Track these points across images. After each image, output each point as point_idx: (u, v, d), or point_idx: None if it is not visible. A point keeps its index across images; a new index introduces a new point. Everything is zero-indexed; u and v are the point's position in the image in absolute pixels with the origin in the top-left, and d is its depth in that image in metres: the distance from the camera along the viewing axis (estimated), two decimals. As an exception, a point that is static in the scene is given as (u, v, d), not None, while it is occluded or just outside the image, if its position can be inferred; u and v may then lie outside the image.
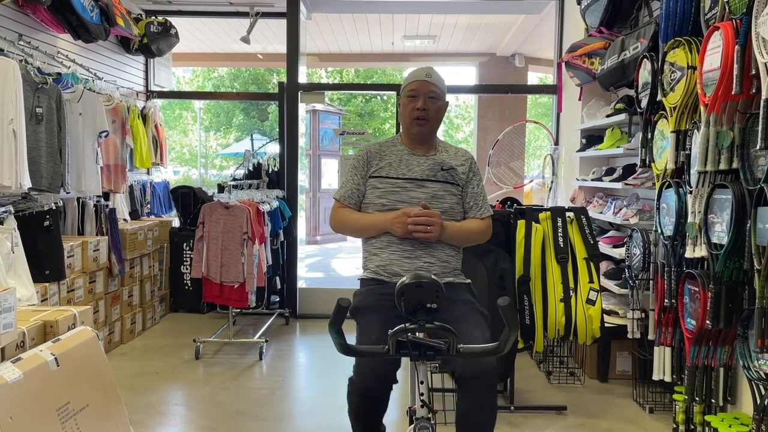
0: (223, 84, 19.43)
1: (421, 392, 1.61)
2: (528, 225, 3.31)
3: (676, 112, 2.97)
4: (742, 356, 2.59)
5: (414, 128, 2.34)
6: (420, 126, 2.32)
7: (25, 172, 3.35)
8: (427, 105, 2.30)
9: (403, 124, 2.40)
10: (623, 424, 3.27)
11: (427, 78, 2.31)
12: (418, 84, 2.32)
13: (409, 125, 2.35)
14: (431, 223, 2.13)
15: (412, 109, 2.31)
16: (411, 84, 2.34)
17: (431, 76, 2.32)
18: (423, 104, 2.30)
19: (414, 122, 2.32)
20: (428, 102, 2.31)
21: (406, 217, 2.15)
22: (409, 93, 2.33)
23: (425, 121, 2.31)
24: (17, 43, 3.79)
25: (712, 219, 2.68)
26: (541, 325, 3.28)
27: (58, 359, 2.18)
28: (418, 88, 2.31)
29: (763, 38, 2.29)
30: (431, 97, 2.32)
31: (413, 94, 2.32)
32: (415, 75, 2.35)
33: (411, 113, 2.32)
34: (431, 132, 2.38)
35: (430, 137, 2.40)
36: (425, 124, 2.32)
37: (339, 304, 1.46)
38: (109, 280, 4.37)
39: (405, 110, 2.35)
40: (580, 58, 4.35)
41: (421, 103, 2.30)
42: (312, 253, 10.29)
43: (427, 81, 2.31)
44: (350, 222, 2.34)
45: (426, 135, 2.37)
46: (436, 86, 2.32)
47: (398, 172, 2.32)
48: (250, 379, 3.94)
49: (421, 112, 2.30)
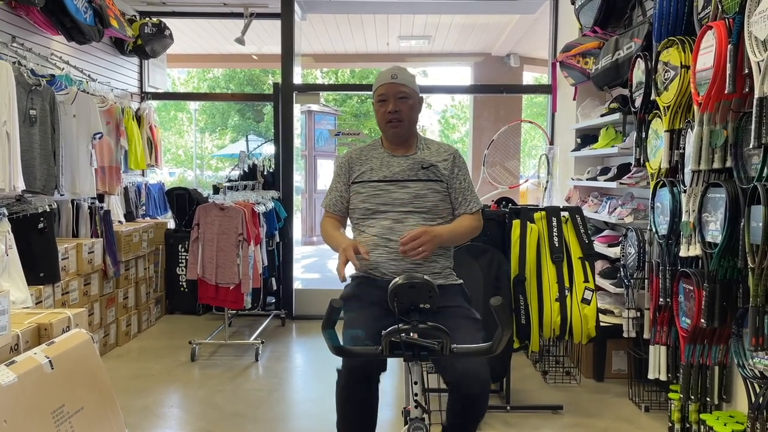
0: (218, 85, 19.42)
1: (415, 393, 1.61)
2: (523, 225, 3.31)
3: (669, 112, 2.98)
4: (737, 354, 2.60)
5: (389, 131, 2.35)
6: (395, 128, 2.33)
7: (19, 175, 3.34)
8: (398, 106, 2.30)
9: (380, 129, 2.41)
10: (619, 423, 3.28)
11: (393, 79, 2.31)
12: (386, 87, 2.32)
13: (384, 129, 2.37)
14: (421, 243, 2.11)
15: (384, 113, 2.32)
16: (379, 88, 2.34)
17: (397, 77, 2.32)
18: (393, 106, 2.30)
19: (388, 126, 2.33)
20: (398, 103, 2.30)
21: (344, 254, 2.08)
22: (378, 98, 2.34)
23: (399, 122, 2.32)
24: (10, 44, 3.78)
25: (706, 218, 2.69)
26: (536, 325, 3.28)
27: (53, 362, 2.17)
28: (386, 92, 2.31)
29: (756, 37, 2.30)
30: (401, 98, 2.31)
31: (383, 98, 2.32)
32: (382, 78, 2.35)
33: (383, 117, 2.33)
34: (408, 132, 2.38)
35: (408, 137, 2.40)
36: (399, 125, 2.33)
37: (331, 305, 1.46)
38: (104, 282, 4.35)
39: (377, 115, 2.36)
40: (575, 57, 4.36)
41: (392, 105, 2.30)
42: (308, 254, 10.28)
43: (394, 83, 2.30)
44: (324, 234, 2.39)
45: (403, 135, 2.37)
46: (404, 86, 2.32)
47: (379, 174, 2.33)
48: (247, 381, 3.93)
49: (393, 114, 2.30)
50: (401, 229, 2.24)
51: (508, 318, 1.47)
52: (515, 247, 3.30)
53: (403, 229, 2.25)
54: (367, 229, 2.31)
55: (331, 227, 2.38)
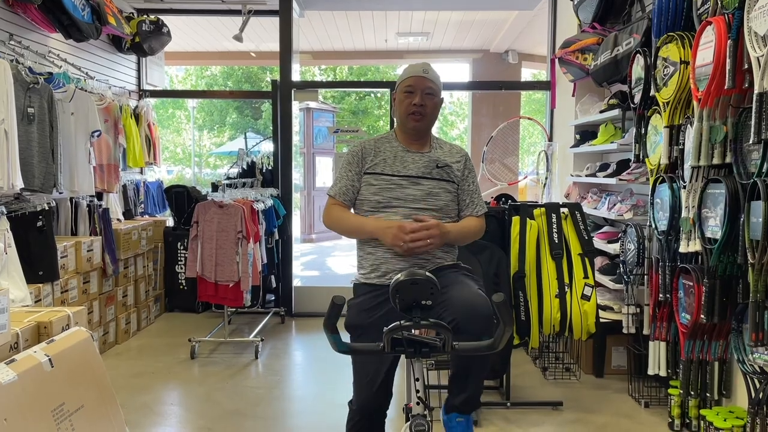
0: (216, 82, 19.38)
1: (417, 389, 1.61)
2: (523, 221, 3.31)
3: (669, 107, 2.98)
4: (736, 350, 2.60)
5: (410, 123, 2.33)
6: (416, 122, 2.32)
7: (17, 173, 3.33)
8: (423, 101, 2.29)
9: (399, 120, 2.39)
10: (619, 418, 3.28)
11: (424, 74, 2.31)
12: (415, 80, 2.31)
13: (404, 120, 2.34)
14: (430, 235, 2.13)
15: (409, 104, 2.30)
16: (408, 79, 2.32)
17: (428, 72, 2.32)
18: (420, 100, 2.29)
19: (410, 117, 2.31)
20: (425, 98, 2.30)
21: (402, 233, 2.13)
22: (405, 88, 2.32)
23: (421, 116, 2.31)
24: (8, 42, 3.77)
25: (706, 213, 2.69)
26: (536, 321, 3.28)
27: (53, 360, 2.16)
28: (415, 84, 2.30)
29: (755, 33, 2.30)
30: (428, 93, 2.31)
31: (410, 90, 2.31)
32: (412, 70, 2.34)
33: (407, 108, 2.31)
34: (427, 128, 2.38)
35: (425, 133, 2.39)
36: (421, 119, 2.31)
37: (333, 302, 1.45)
38: (103, 280, 4.35)
39: (401, 105, 2.34)
40: (573, 54, 4.35)
41: (418, 98, 2.29)
42: (307, 252, 10.28)
43: (424, 77, 2.30)
44: (342, 221, 2.32)
45: (421, 131, 2.36)
46: (432, 82, 2.32)
47: (393, 168, 2.31)
48: (246, 378, 3.93)
49: (418, 107, 2.29)
50: None
51: (509, 314, 1.47)
52: (515, 244, 3.30)
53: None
54: None
55: (347, 213, 2.34)
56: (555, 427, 3.18)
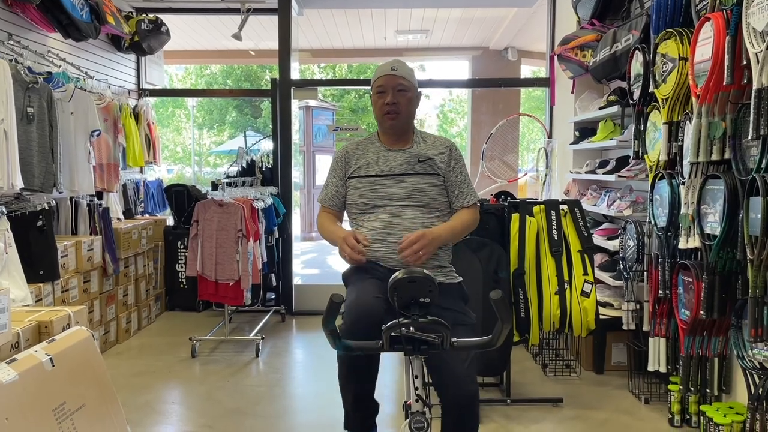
0: (215, 81, 19.38)
1: (416, 386, 1.62)
2: (522, 218, 3.31)
3: (668, 104, 2.98)
4: (736, 346, 2.60)
5: (386, 123, 2.34)
6: (392, 120, 2.33)
7: (17, 173, 3.33)
8: (396, 98, 2.30)
9: (377, 121, 2.41)
10: (619, 415, 3.29)
11: (393, 72, 2.31)
12: (385, 79, 2.32)
13: (381, 121, 2.36)
14: (420, 248, 2.11)
15: (382, 104, 2.32)
16: (378, 80, 2.34)
17: (397, 69, 2.32)
18: (392, 98, 2.30)
19: (385, 117, 2.33)
20: (397, 95, 2.31)
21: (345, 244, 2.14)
22: (377, 89, 2.34)
23: (396, 114, 2.32)
24: (7, 42, 3.77)
25: (705, 210, 2.69)
26: (536, 318, 3.29)
27: (54, 359, 2.17)
28: (385, 83, 2.32)
29: (754, 28, 2.30)
30: (400, 90, 2.32)
31: (381, 90, 2.33)
32: (382, 70, 2.35)
33: (381, 109, 2.33)
34: (405, 125, 2.39)
35: (405, 130, 2.40)
36: (397, 117, 2.33)
37: (332, 300, 1.46)
38: (103, 279, 4.35)
39: (375, 107, 2.36)
40: (573, 50, 4.35)
41: (390, 97, 2.30)
42: (308, 250, 10.28)
43: (394, 75, 2.31)
44: (323, 228, 2.40)
45: (400, 128, 2.37)
46: (403, 78, 2.32)
47: (376, 169, 2.33)
48: (247, 377, 3.94)
49: (391, 106, 2.30)
50: (399, 223, 2.24)
51: (507, 311, 1.48)
52: (514, 241, 3.30)
53: (401, 223, 2.25)
54: (365, 224, 2.31)
55: (328, 221, 2.39)
56: (555, 424, 3.19)
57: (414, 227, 2.23)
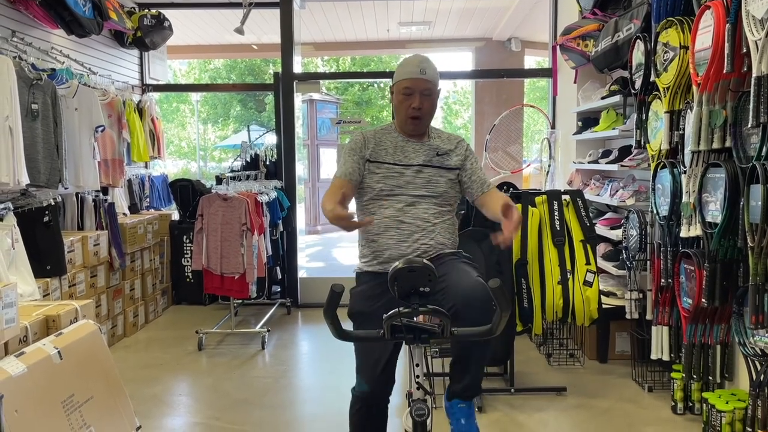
0: (219, 76, 19.39)
1: (417, 375, 1.64)
2: (524, 209, 3.32)
3: (669, 93, 2.98)
4: (738, 333, 2.62)
5: (409, 125, 2.34)
6: (415, 125, 2.33)
7: (23, 169, 3.36)
8: (422, 103, 2.29)
9: (398, 119, 2.39)
10: (623, 403, 3.31)
11: (422, 75, 2.28)
12: (412, 82, 2.29)
13: (404, 122, 2.35)
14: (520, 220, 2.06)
15: (408, 107, 2.30)
16: (406, 80, 2.30)
17: (426, 73, 2.29)
18: (419, 103, 2.28)
19: (409, 120, 2.32)
20: (423, 99, 2.30)
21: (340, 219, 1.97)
22: (403, 90, 2.31)
23: (421, 118, 2.32)
24: (10, 39, 3.79)
25: (707, 198, 2.70)
26: (539, 308, 3.30)
27: (62, 352, 2.20)
28: (413, 86, 2.29)
29: (753, 16, 2.29)
30: (426, 95, 2.30)
31: (408, 92, 2.30)
32: (410, 71, 2.31)
33: (407, 111, 2.31)
34: (426, 126, 2.40)
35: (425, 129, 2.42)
36: (420, 122, 2.33)
37: (333, 290, 1.48)
38: (110, 274, 4.39)
39: (400, 107, 2.33)
40: (575, 40, 4.35)
41: (417, 102, 2.28)
42: (312, 243, 10.32)
43: (423, 78, 2.28)
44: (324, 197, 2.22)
45: (421, 130, 2.39)
46: (430, 82, 2.30)
47: (395, 158, 2.33)
48: (254, 369, 3.97)
49: (417, 111, 2.30)
50: (414, 213, 2.26)
51: (506, 300, 1.49)
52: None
53: (415, 212, 2.26)
54: (378, 211, 2.30)
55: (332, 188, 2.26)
56: (559, 413, 3.21)
57: (427, 217, 2.27)
